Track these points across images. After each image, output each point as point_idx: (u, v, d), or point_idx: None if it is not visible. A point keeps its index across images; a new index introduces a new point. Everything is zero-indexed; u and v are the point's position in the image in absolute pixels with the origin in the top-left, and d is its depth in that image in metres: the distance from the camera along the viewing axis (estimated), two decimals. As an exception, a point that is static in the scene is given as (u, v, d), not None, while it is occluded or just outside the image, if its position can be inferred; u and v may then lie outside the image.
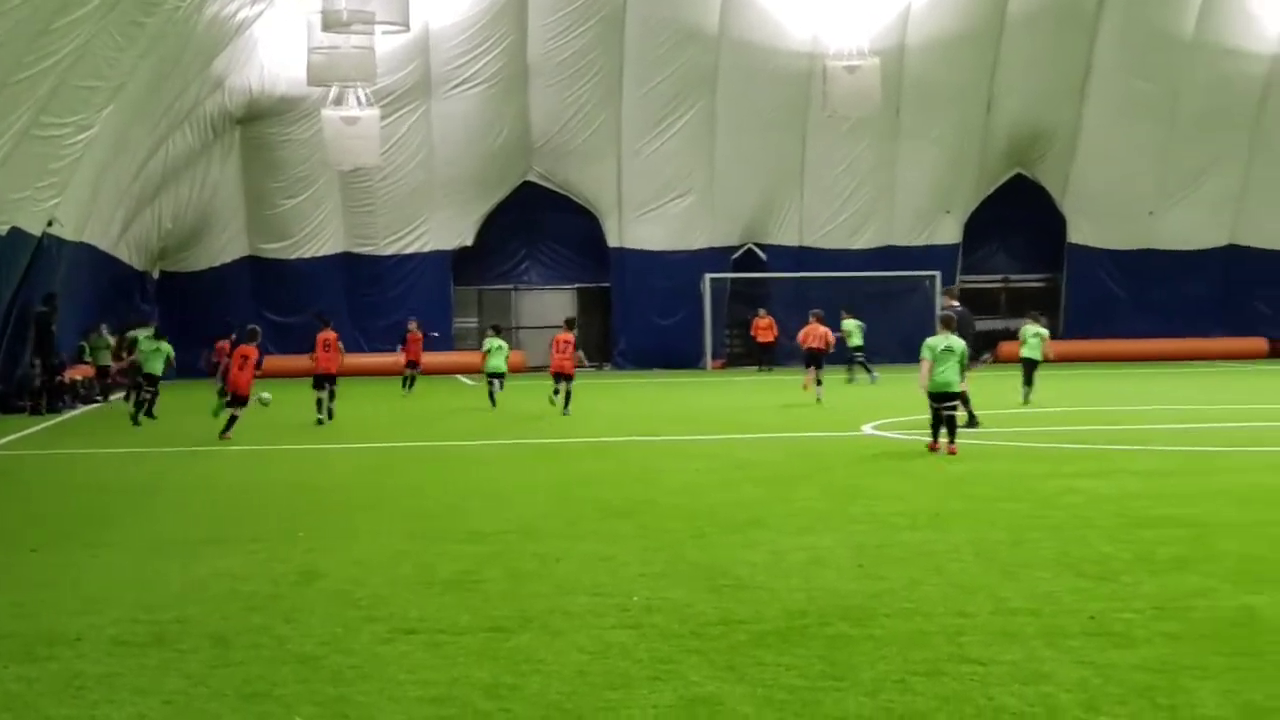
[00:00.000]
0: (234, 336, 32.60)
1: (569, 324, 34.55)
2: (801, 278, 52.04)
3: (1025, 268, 58.32)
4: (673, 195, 52.87)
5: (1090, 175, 55.04)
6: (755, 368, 51.35)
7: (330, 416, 30.46)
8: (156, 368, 32.08)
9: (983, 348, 36.79)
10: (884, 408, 31.58)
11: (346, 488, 19.22)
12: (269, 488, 19.41)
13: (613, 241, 53.53)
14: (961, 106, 53.05)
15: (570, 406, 31.71)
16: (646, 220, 52.99)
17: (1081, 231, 56.26)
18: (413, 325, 42.13)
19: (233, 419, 26.86)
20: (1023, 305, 55.50)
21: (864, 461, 21.80)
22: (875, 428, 26.72)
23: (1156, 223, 55.94)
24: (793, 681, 8.72)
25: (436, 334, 48.31)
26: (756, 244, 54.61)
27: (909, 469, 20.59)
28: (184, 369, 40.58)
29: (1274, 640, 9.60)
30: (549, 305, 54.79)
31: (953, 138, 53.67)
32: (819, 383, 35.38)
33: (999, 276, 58.13)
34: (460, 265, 53.57)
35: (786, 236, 54.46)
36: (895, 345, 53.67)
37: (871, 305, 53.08)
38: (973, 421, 25.61)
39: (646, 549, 13.63)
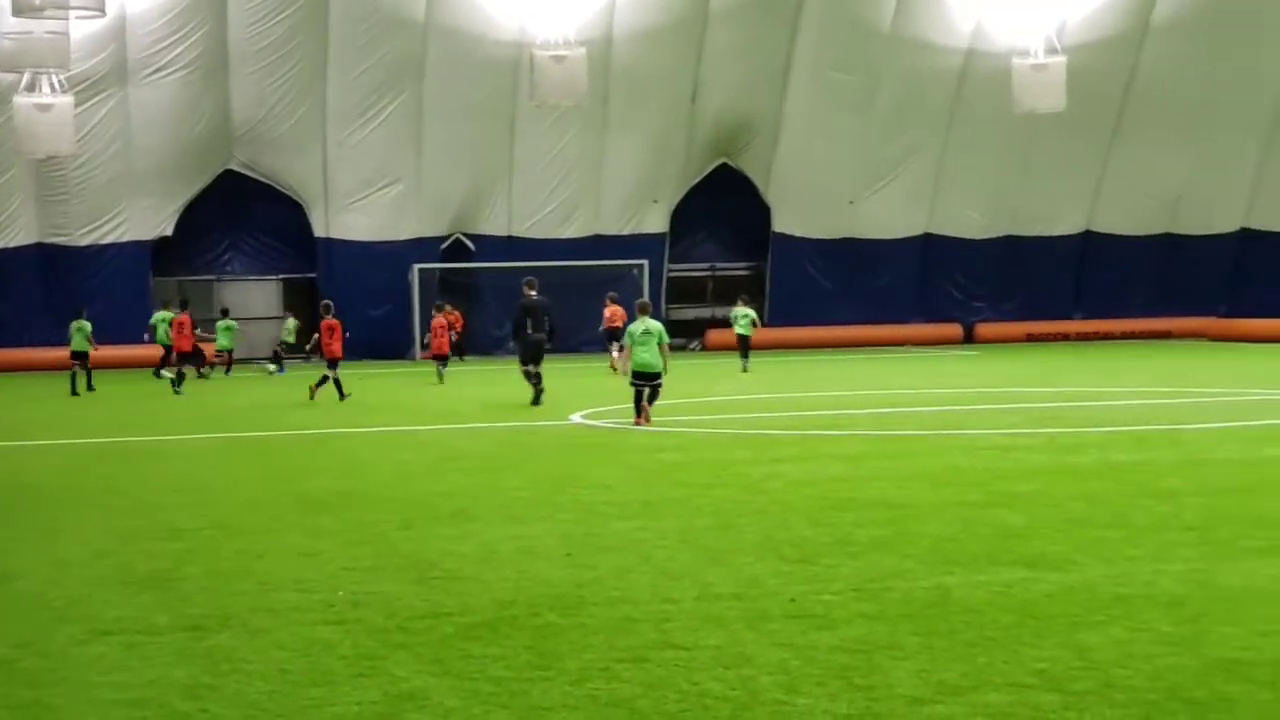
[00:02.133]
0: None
1: (326, 309, 35.48)
2: (510, 267, 52.02)
3: (732, 256, 59.12)
4: (380, 185, 52.37)
5: (792, 165, 56.01)
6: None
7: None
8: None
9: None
10: (593, 397, 31.74)
11: (42, 486, 18.63)
12: (-41, 487, 18.75)
13: (319, 231, 52.83)
14: (667, 97, 53.54)
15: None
16: (353, 210, 52.42)
17: (785, 221, 57.23)
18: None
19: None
20: (729, 293, 56.39)
21: (573, 451, 21.88)
22: (584, 417, 26.86)
23: (857, 212, 57.17)
24: (500, 673, 8.72)
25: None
26: (465, 234, 54.43)
27: (618, 458, 20.73)
28: None
29: (966, 619, 9.89)
30: (253, 296, 53.89)
31: (659, 128, 54.15)
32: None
33: (706, 265, 58.86)
34: (160, 256, 52.35)
35: (495, 226, 54.37)
36: (605, 333, 54.08)
37: (580, 294, 53.39)
38: (538, 400, 29.47)
39: (353, 542, 13.50)
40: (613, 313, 44.10)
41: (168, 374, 39.11)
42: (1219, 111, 57.14)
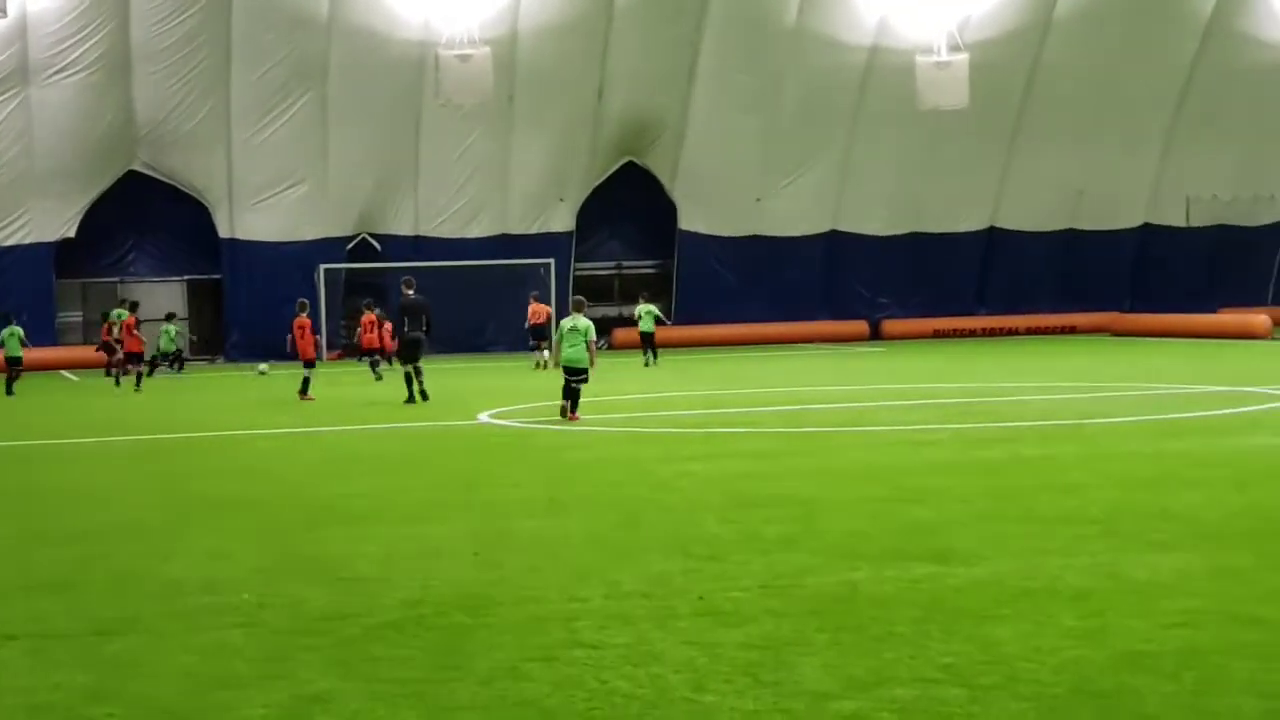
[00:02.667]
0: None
1: (302, 307, 35.42)
2: (417, 267, 51.78)
3: (638, 254, 59.13)
4: (285, 185, 52.01)
5: (698, 163, 56.09)
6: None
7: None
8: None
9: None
10: (501, 396, 31.66)
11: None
12: None
13: (224, 232, 52.40)
14: (573, 95, 53.48)
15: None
16: (258, 210, 52.03)
17: (691, 218, 57.31)
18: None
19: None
20: (636, 292, 56.40)
21: (481, 450, 21.81)
22: (492, 416, 26.77)
23: (763, 209, 57.35)
24: (407, 674, 8.67)
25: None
26: (371, 234, 54.16)
27: (526, 457, 20.69)
28: None
29: (874, 615, 9.92)
30: (158, 297, 53.32)
31: (565, 126, 54.07)
32: (545, 350, 40.60)
33: (612, 263, 58.86)
34: (63, 257, 51.76)
35: (402, 226, 54.13)
36: (512, 333, 53.98)
37: (487, 293, 53.29)
38: (421, 398, 30.19)
39: (259, 544, 13.39)
40: (535, 310, 44.90)
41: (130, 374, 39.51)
42: (1120, 107, 57.72)
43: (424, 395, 30.56)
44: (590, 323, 26.04)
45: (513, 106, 52.69)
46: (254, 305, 51.51)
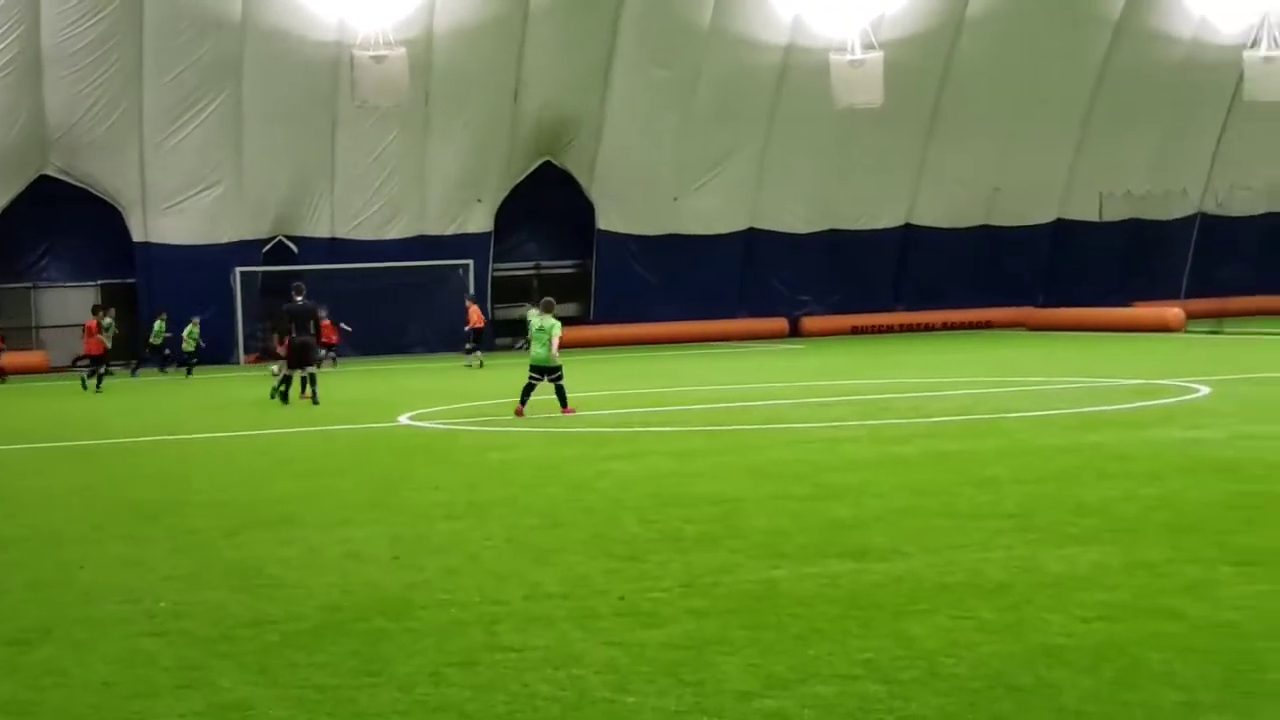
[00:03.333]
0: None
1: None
2: (334, 269, 51.60)
3: (556, 254, 59.14)
4: (200, 187, 51.65)
5: (616, 162, 56.12)
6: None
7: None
8: None
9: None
10: (422, 398, 31.56)
11: None
12: None
13: (138, 236, 51.99)
14: (489, 95, 53.37)
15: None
16: (173, 213, 51.64)
17: (609, 218, 57.34)
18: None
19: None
20: (555, 292, 56.36)
21: (401, 453, 21.72)
22: (412, 418, 26.68)
23: (681, 208, 57.45)
24: (326, 680, 8.61)
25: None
26: (288, 236, 53.87)
27: (446, 458, 20.63)
28: None
29: (794, 612, 9.94)
30: (72, 303, 52.80)
31: (482, 127, 53.96)
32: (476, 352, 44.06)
33: (531, 264, 58.80)
34: (-27, 264, 51.32)
35: (318, 228, 53.86)
36: (432, 334, 53.90)
37: (406, 295, 53.14)
38: (292, 396, 30.89)
39: (176, 551, 13.29)
40: (473, 312, 46.22)
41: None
42: (1034, 104, 58.24)
43: (315, 399, 30.82)
44: (557, 322, 26.79)
45: (429, 107, 52.56)
46: (170, 309, 51.03)
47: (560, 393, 26.20)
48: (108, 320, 41.10)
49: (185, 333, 47.05)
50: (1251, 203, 63.08)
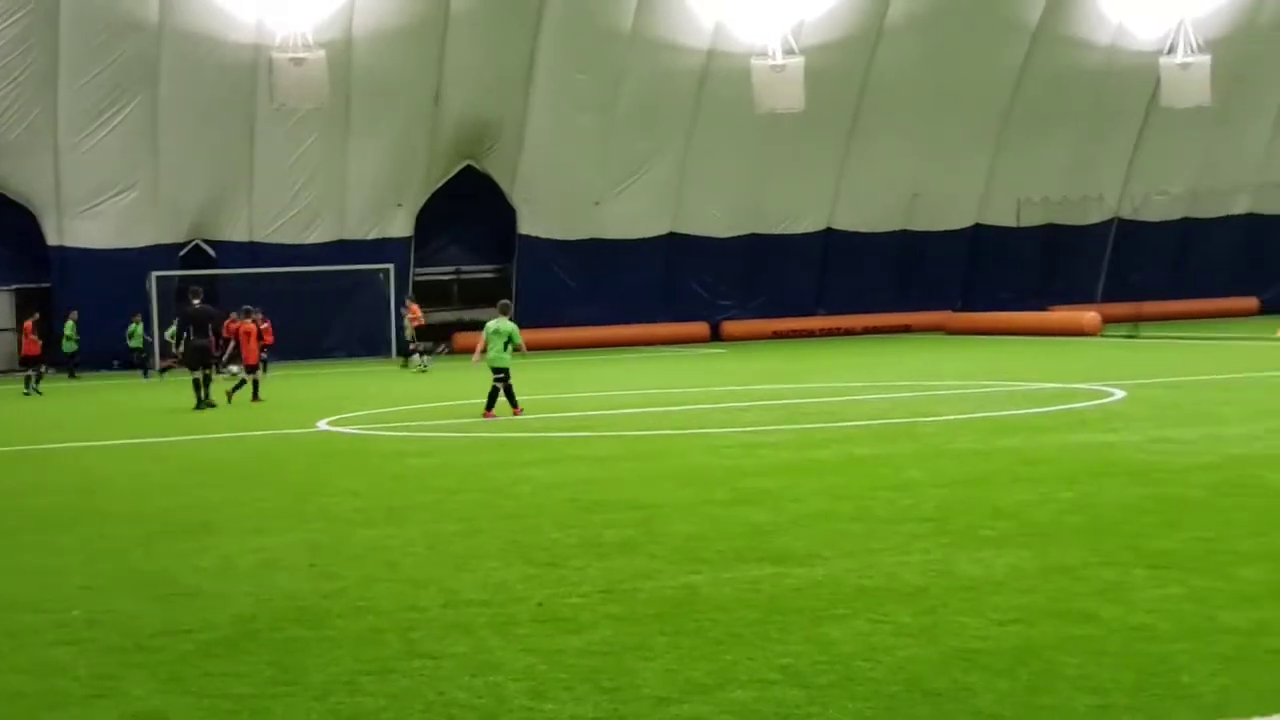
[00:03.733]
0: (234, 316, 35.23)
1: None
2: (252, 273, 51.26)
3: (478, 259, 59.01)
4: (115, 191, 51.19)
5: (537, 167, 56.03)
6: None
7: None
8: None
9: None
10: (342, 403, 31.41)
11: None
12: None
13: (52, 240, 51.46)
14: (410, 99, 53.18)
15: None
16: (88, 217, 51.15)
17: (530, 223, 57.25)
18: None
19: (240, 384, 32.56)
20: (474, 297, 56.31)
21: (320, 459, 21.60)
22: (331, 424, 26.53)
23: (602, 213, 57.44)
24: (241, 690, 8.54)
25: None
26: (205, 240, 53.48)
27: (365, 464, 20.52)
28: None
29: (714, 617, 9.94)
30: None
31: (402, 131, 53.76)
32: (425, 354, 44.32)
33: (451, 269, 58.63)
34: (-113, 267, 50.70)
35: (236, 232, 53.48)
36: (353, 339, 53.67)
37: (326, 300, 52.86)
38: (204, 405, 31.26)
39: (89, 559, 13.15)
40: (414, 313, 46.73)
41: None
42: (952, 110, 58.59)
43: (209, 403, 31.48)
44: (514, 325, 27.46)
45: (349, 110, 52.29)
46: (86, 314, 50.56)
47: (509, 392, 26.62)
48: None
49: (128, 332, 47.13)
50: (1167, 208, 63.69)
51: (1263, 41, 60.96)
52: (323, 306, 52.90)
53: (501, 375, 26.68)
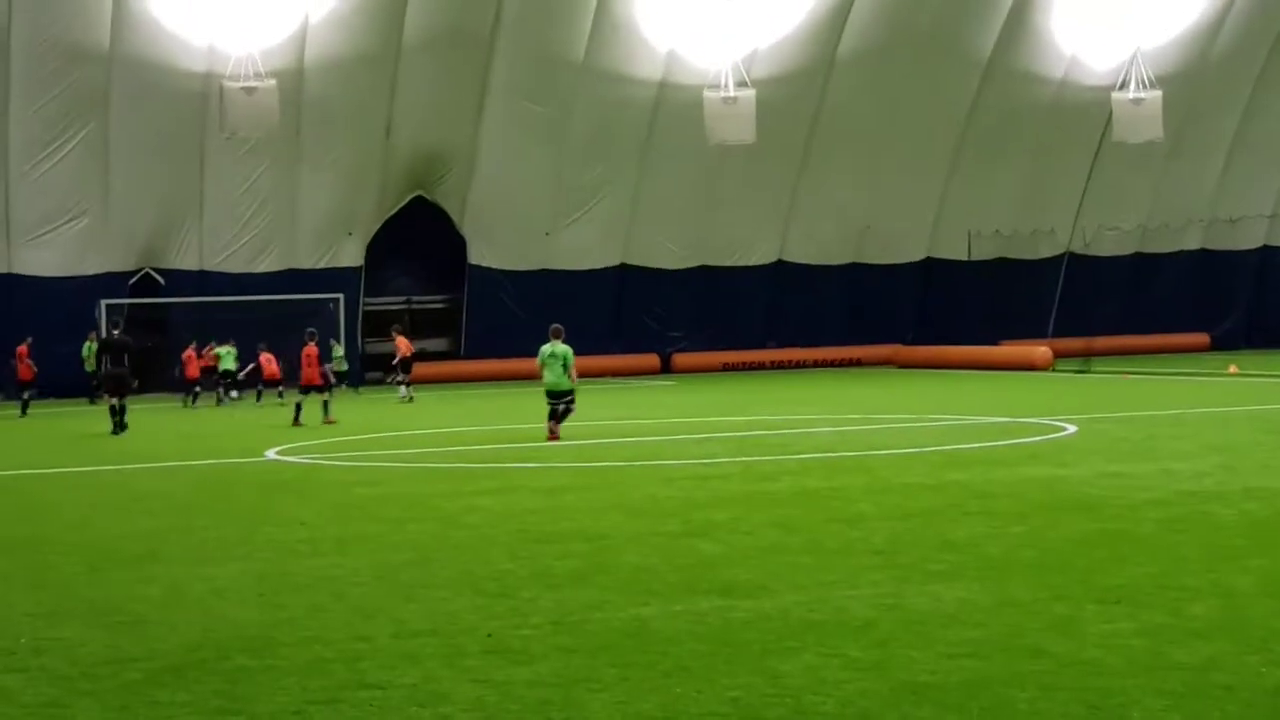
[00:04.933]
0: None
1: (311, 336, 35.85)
2: (202, 302, 51.02)
3: (428, 289, 58.87)
4: (64, 219, 50.85)
5: (488, 197, 55.93)
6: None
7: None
8: None
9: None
10: (291, 432, 31.27)
11: None
12: None
13: (1, 268, 51.11)
14: (361, 129, 53.05)
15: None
16: (37, 245, 50.78)
17: (481, 253, 57.13)
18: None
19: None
20: (425, 327, 56.18)
21: (268, 488, 21.48)
22: (280, 453, 26.40)
23: (553, 243, 57.38)
24: (188, 718, 8.47)
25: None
26: (155, 268, 53.19)
27: (313, 494, 20.43)
28: None
29: (663, 650, 9.91)
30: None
31: (353, 160, 53.62)
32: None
33: (402, 298, 58.45)
34: None
35: (186, 260, 53.20)
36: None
37: (277, 329, 52.57)
38: (118, 430, 31.81)
39: (35, 587, 13.04)
40: (400, 344, 47.17)
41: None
42: (904, 143, 58.76)
43: (124, 426, 32.13)
44: (569, 348, 28.18)
45: (300, 140, 52.14)
46: (34, 341, 50.18)
47: (564, 415, 27.64)
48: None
49: (225, 351, 47.48)
50: (1119, 243, 64.03)
51: (1215, 76, 61.42)
52: (273, 335, 52.63)
53: (567, 398, 27.76)
